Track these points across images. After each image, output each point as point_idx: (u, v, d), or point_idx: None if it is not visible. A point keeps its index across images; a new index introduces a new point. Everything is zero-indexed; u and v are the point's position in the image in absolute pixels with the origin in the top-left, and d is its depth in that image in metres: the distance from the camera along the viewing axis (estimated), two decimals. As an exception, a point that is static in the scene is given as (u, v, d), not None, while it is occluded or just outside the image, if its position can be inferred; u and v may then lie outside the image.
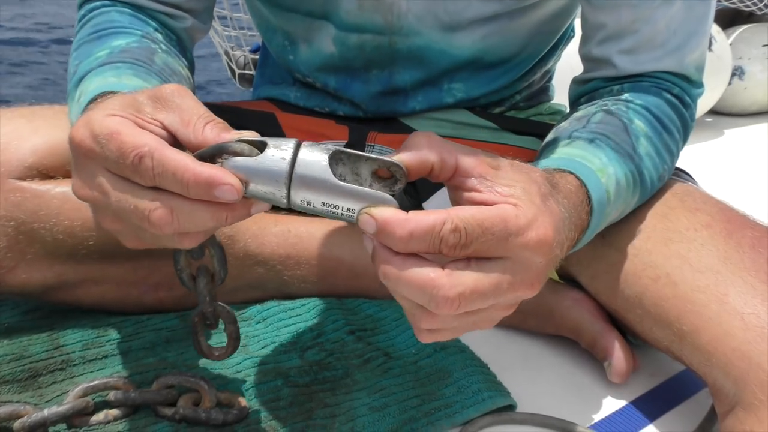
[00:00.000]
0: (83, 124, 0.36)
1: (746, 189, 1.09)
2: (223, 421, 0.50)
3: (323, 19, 0.66)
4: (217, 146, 0.35)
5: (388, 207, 0.34)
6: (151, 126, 0.37)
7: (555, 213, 0.38)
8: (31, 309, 0.64)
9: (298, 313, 0.65)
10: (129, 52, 0.53)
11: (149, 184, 0.35)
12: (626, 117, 0.54)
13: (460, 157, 0.36)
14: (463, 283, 0.34)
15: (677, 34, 0.56)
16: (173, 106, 0.37)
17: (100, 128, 0.35)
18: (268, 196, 0.35)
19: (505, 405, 0.55)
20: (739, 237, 0.52)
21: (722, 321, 0.48)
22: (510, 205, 0.36)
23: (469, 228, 0.34)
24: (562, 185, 0.44)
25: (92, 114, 0.37)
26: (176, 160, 0.34)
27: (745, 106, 1.59)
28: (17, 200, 0.56)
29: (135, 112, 0.37)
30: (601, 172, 0.49)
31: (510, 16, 0.64)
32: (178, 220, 0.35)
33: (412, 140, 0.37)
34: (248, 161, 0.34)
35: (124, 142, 0.34)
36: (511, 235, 0.35)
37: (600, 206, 0.48)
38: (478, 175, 0.36)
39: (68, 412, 0.49)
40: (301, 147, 0.34)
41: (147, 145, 0.34)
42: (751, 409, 0.45)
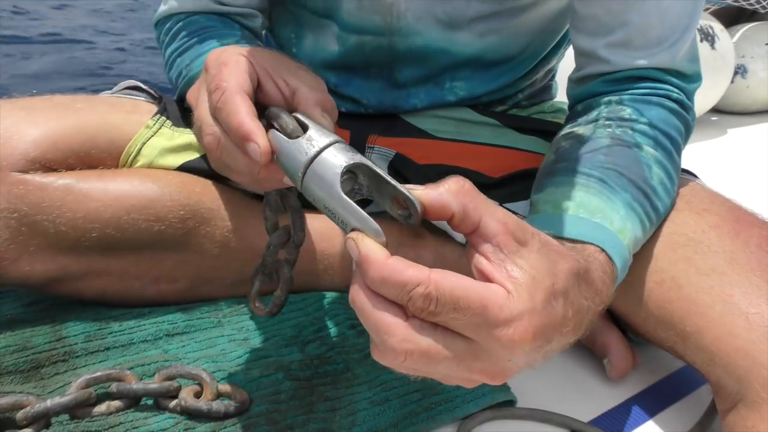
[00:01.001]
0: (222, 49, 0.44)
1: (749, 187, 1.08)
2: (224, 413, 0.50)
3: (326, 17, 0.66)
4: (276, 113, 0.39)
5: (375, 242, 0.33)
6: (271, 85, 0.42)
7: (553, 317, 0.34)
8: (34, 301, 0.64)
9: (300, 307, 0.65)
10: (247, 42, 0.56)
11: (213, 113, 0.40)
12: (634, 143, 0.53)
13: (485, 218, 0.34)
14: (415, 342, 0.32)
15: (673, 29, 0.55)
16: (307, 78, 0.43)
17: (224, 57, 0.42)
18: (288, 175, 0.38)
19: (504, 400, 0.55)
20: (747, 236, 0.52)
21: (726, 321, 0.48)
22: (503, 291, 0.33)
23: (441, 300, 0.31)
24: (595, 277, 0.41)
25: (234, 47, 0.43)
26: (236, 105, 0.39)
27: (747, 105, 1.59)
28: (20, 192, 0.56)
29: (271, 68, 0.42)
30: (622, 234, 0.47)
31: (510, 15, 0.64)
32: (221, 151, 0.40)
33: (444, 181, 0.35)
34: (282, 139, 0.38)
35: (219, 72, 0.40)
36: (485, 324, 0.32)
37: (622, 274, 0.47)
38: (496, 244, 0.34)
39: (71, 402, 0.49)
40: (328, 148, 0.36)
41: (227, 83, 0.40)
42: (754, 407, 0.45)
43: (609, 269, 0.45)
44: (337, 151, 0.36)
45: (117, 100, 0.66)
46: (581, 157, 0.52)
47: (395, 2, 0.62)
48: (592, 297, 0.39)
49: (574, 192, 0.49)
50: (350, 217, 0.34)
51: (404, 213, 0.35)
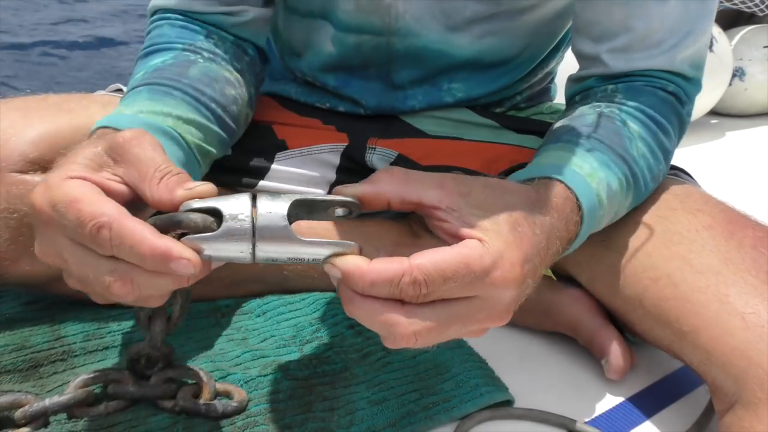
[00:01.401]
0: (43, 189, 0.36)
1: (746, 190, 1.09)
2: (222, 413, 0.50)
3: (323, 18, 0.66)
4: (170, 219, 0.35)
5: (350, 255, 0.35)
6: (112, 184, 0.37)
7: (526, 241, 0.38)
8: (33, 300, 0.64)
9: (298, 307, 0.65)
10: (159, 71, 0.55)
11: (107, 254, 0.35)
12: (619, 119, 0.54)
13: (422, 192, 0.38)
14: (420, 323, 0.35)
15: (673, 33, 0.55)
16: (131, 158, 0.37)
17: (59, 195, 0.35)
18: (228, 260, 0.36)
19: (502, 400, 0.55)
20: (741, 237, 0.52)
21: (722, 321, 0.48)
22: (475, 242, 0.36)
23: (429, 279, 0.34)
24: (548, 197, 0.44)
25: (52, 178, 0.36)
26: (134, 231, 0.34)
27: (744, 107, 1.60)
28: (20, 192, 0.56)
29: (96, 168, 0.37)
30: (591, 177, 0.48)
31: (508, 17, 0.64)
32: (138, 289, 0.36)
33: (375, 175, 0.39)
34: (207, 237, 0.35)
35: (82, 211, 0.34)
36: (476, 278, 0.35)
37: (591, 212, 0.47)
38: (446, 206, 0.37)
39: (69, 402, 0.49)
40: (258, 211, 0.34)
41: (105, 215, 0.34)
42: (751, 407, 0.45)
43: (565, 193, 0.46)
44: (266, 205, 0.35)
45: (109, 99, 0.66)
46: (567, 130, 0.54)
47: (393, 3, 0.62)
48: (550, 213, 0.42)
49: (553, 152, 0.51)
50: (319, 251, 0.35)
51: (345, 211, 0.39)
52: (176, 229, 0.35)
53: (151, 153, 0.38)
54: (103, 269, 0.35)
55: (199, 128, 0.53)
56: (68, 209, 0.34)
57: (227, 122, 0.58)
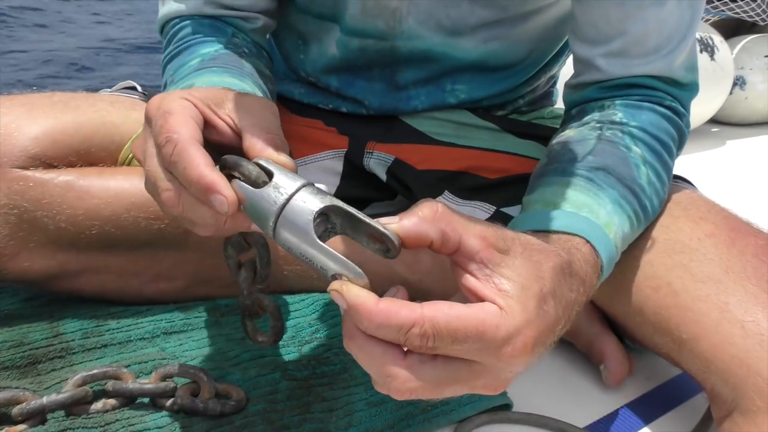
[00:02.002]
0: (162, 96, 0.40)
1: (747, 198, 1.09)
2: (220, 411, 0.50)
3: (332, 21, 0.66)
4: (235, 161, 0.37)
5: (359, 288, 0.33)
6: (218, 121, 0.40)
7: (547, 321, 0.35)
8: (32, 297, 0.64)
9: (298, 308, 0.65)
10: (219, 59, 0.55)
11: (167, 168, 0.38)
12: (623, 144, 0.53)
13: (464, 237, 0.34)
14: (418, 380, 0.33)
15: (670, 38, 0.55)
16: (252, 113, 0.41)
17: (166, 104, 0.39)
18: (258, 224, 0.36)
19: (501, 404, 0.55)
20: (743, 245, 0.52)
21: (722, 329, 0.48)
22: (495, 308, 0.33)
23: (439, 336, 0.32)
24: (579, 268, 0.41)
25: (174, 92, 0.41)
26: (192, 157, 0.36)
27: (745, 116, 1.60)
28: (20, 188, 0.56)
29: (215, 103, 0.41)
30: (608, 228, 0.47)
31: (512, 22, 0.64)
32: (182, 207, 0.38)
33: (417, 209, 0.34)
34: (248, 190, 0.36)
35: (166, 122, 0.38)
36: (487, 348, 0.33)
37: (608, 266, 0.47)
38: (480, 260, 0.34)
39: (67, 400, 0.49)
40: (297, 194, 0.35)
41: (178, 134, 0.37)
42: (749, 415, 0.45)
43: (593, 259, 0.45)
44: (307, 196, 0.35)
45: (116, 98, 0.67)
46: (571, 158, 0.53)
47: (398, 7, 0.62)
48: (577, 288, 0.40)
49: (562, 190, 0.50)
50: (329, 263, 0.33)
51: (382, 247, 0.34)
52: (235, 170, 0.37)
53: (270, 117, 0.42)
54: (163, 177, 0.38)
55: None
56: (160, 117, 0.38)
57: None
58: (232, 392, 0.52)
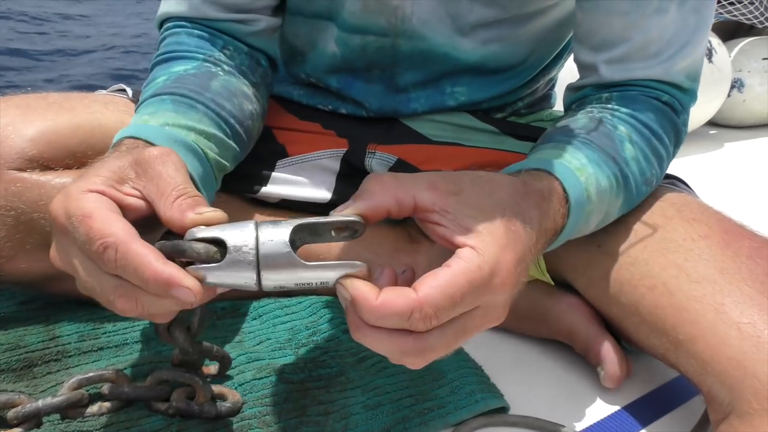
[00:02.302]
0: (62, 199, 0.37)
1: (744, 200, 1.09)
2: (216, 414, 0.50)
3: (327, 20, 0.66)
4: (174, 247, 0.36)
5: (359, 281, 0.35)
6: (130, 199, 0.38)
7: (519, 241, 0.38)
8: (28, 299, 0.64)
9: (294, 310, 0.65)
10: (182, 80, 0.55)
11: (112, 273, 0.35)
12: (611, 123, 0.55)
13: (416, 195, 0.37)
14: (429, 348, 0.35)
15: (671, 44, 0.56)
16: (154, 174, 0.38)
17: (75, 208, 0.36)
18: (233, 287, 0.36)
19: (498, 407, 0.55)
20: (737, 247, 0.52)
21: (718, 330, 0.48)
22: (469, 251, 0.35)
23: (440, 310, 0.34)
24: (535, 188, 0.44)
25: (73, 188, 0.37)
26: (139, 255, 0.34)
27: (743, 119, 1.60)
28: (18, 190, 0.56)
29: (118, 181, 0.38)
30: (579, 171, 0.48)
31: (513, 23, 0.65)
32: (142, 307, 0.36)
33: (365, 186, 0.38)
34: (211, 268, 0.35)
35: (92, 229, 0.35)
36: (479, 291, 0.35)
37: (579, 205, 0.47)
38: (439, 209, 0.37)
39: (62, 403, 0.49)
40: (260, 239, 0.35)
41: (113, 236, 0.35)
42: (746, 418, 0.45)
43: (552, 184, 0.46)
44: (269, 232, 0.35)
45: (110, 99, 0.66)
46: (557, 131, 0.55)
47: (401, 5, 0.62)
48: (538, 205, 0.42)
49: (542, 150, 0.52)
50: (326, 274, 0.35)
51: (348, 233, 0.37)
52: (180, 257, 0.36)
53: (173, 172, 0.39)
54: (109, 284, 0.36)
55: (218, 144, 0.54)
56: (80, 224, 0.35)
57: (242, 137, 0.58)
58: (227, 395, 0.52)
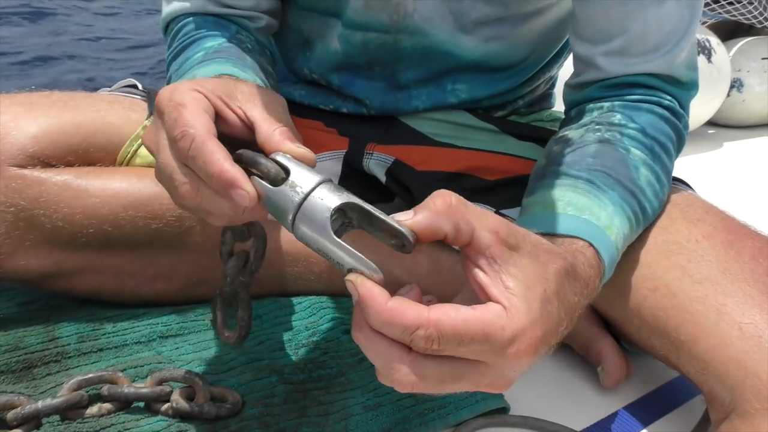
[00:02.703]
0: (171, 87, 0.40)
1: (744, 200, 1.09)
2: (216, 415, 0.50)
3: (334, 16, 0.66)
4: (253, 157, 0.38)
5: (372, 282, 0.34)
6: (228, 113, 0.40)
7: (551, 321, 0.35)
8: (27, 300, 0.64)
9: (294, 311, 0.65)
10: (223, 51, 0.56)
11: (183, 162, 0.38)
12: (622, 146, 0.53)
13: (477, 231, 0.34)
14: (421, 375, 0.33)
15: (670, 37, 0.55)
16: (263, 105, 0.41)
17: (178, 96, 0.39)
18: (276, 218, 0.37)
19: (498, 407, 0.55)
20: (740, 247, 0.52)
21: (720, 330, 0.48)
22: (500, 309, 0.33)
23: (444, 339, 0.32)
24: (583, 272, 0.42)
25: (183, 83, 0.40)
26: (211, 152, 0.36)
27: (742, 119, 1.60)
28: (18, 187, 0.56)
29: (225, 95, 0.41)
30: (609, 230, 0.47)
31: (514, 21, 0.65)
32: (201, 199, 0.38)
33: (431, 200, 0.34)
34: (266, 187, 0.37)
35: (180, 116, 0.38)
36: (492, 349, 0.33)
37: (610, 269, 0.47)
38: (490, 255, 0.34)
39: (62, 405, 0.49)
40: (314, 192, 0.35)
41: (194, 128, 0.37)
42: (747, 417, 0.45)
43: (596, 263, 0.45)
44: (324, 193, 0.35)
45: (115, 98, 0.67)
46: (570, 160, 0.53)
47: (403, 1, 0.62)
48: (580, 291, 0.40)
49: (563, 192, 0.50)
50: (345, 258, 0.34)
51: (398, 242, 0.35)
52: (254, 167, 0.37)
53: (282, 109, 0.42)
54: (180, 170, 0.38)
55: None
56: (174, 110, 0.38)
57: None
58: (227, 396, 0.52)
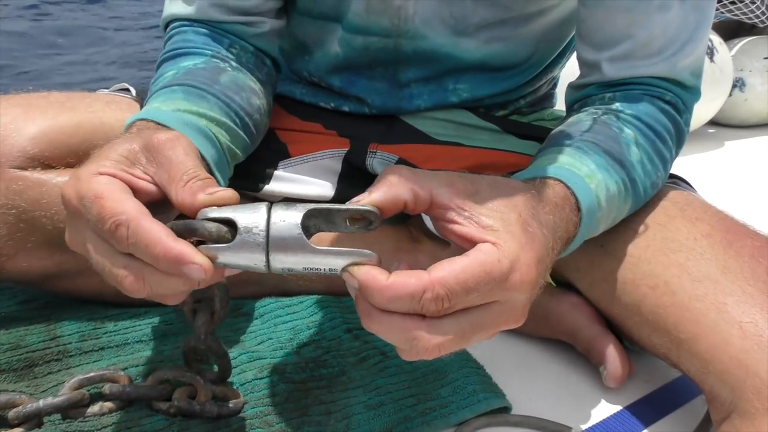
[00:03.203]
0: (73, 181, 0.38)
1: (745, 199, 1.09)
2: (217, 414, 0.50)
3: (334, 21, 0.66)
4: (186, 226, 0.36)
5: (369, 266, 0.34)
6: (141, 182, 0.38)
7: (537, 241, 0.37)
8: (29, 299, 0.64)
9: (296, 310, 0.65)
10: (192, 73, 0.55)
11: (124, 251, 0.36)
12: (616, 126, 0.54)
13: (434, 190, 0.36)
14: (443, 336, 0.34)
15: (673, 41, 0.56)
16: (164, 159, 0.39)
17: (86, 189, 0.36)
18: (242, 269, 0.36)
19: (500, 407, 0.55)
20: (739, 246, 0.52)
21: (720, 329, 0.48)
22: (489, 246, 0.35)
23: (452, 293, 0.33)
24: (549, 197, 0.44)
25: (84, 171, 0.38)
26: (150, 232, 0.35)
27: (744, 118, 1.60)
28: (19, 188, 0.56)
29: (128, 165, 0.39)
30: (589, 178, 0.48)
31: (515, 23, 0.64)
32: (150, 287, 0.36)
33: (383, 177, 0.37)
34: (222, 248, 0.35)
35: (104, 208, 0.35)
36: (496, 284, 0.34)
37: (590, 213, 0.47)
38: (456, 206, 0.36)
39: (63, 403, 0.49)
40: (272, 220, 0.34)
41: (125, 214, 0.35)
42: (747, 417, 0.45)
43: (566, 196, 0.46)
44: (281, 214, 0.35)
45: (112, 98, 0.66)
46: (563, 135, 0.54)
47: (403, 5, 0.62)
48: (552, 212, 0.42)
49: (549, 155, 0.51)
50: (336, 260, 0.34)
51: (362, 224, 0.36)
52: (192, 236, 0.36)
53: (183, 157, 0.39)
54: (119, 263, 0.36)
55: (229, 132, 0.54)
56: (92, 204, 0.36)
57: (251, 129, 0.58)
58: (229, 395, 0.52)
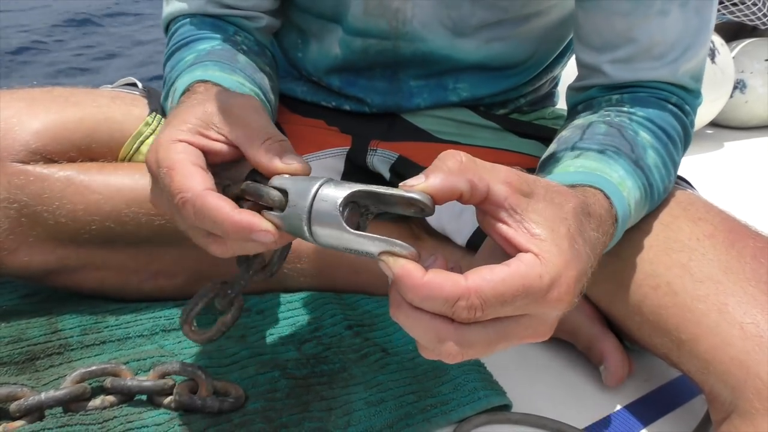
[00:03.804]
0: (154, 148, 0.40)
1: (745, 201, 1.09)
2: (218, 409, 0.50)
3: (333, 21, 0.66)
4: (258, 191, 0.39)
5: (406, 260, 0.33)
6: (215, 144, 0.41)
7: (581, 259, 0.35)
8: (30, 293, 0.64)
9: (297, 306, 0.65)
10: (214, 53, 0.56)
11: (193, 225, 0.38)
12: (631, 129, 0.54)
13: (492, 184, 0.34)
14: (468, 342, 0.33)
15: (675, 47, 0.56)
16: (239, 121, 0.41)
17: (163, 157, 0.39)
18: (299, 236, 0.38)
19: (500, 404, 0.55)
20: (741, 247, 0.52)
21: (721, 330, 0.48)
22: (532, 257, 0.33)
23: (486, 304, 0.32)
24: (595, 210, 0.42)
25: (163, 137, 0.40)
26: (216, 209, 0.37)
27: (745, 120, 1.60)
28: (21, 183, 0.56)
29: (204, 127, 0.41)
30: (621, 186, 0.47)
31: (514, 24, 0.64)
32: (232, 249, 0.39)
33: (441, 161, 0.34)
34: (276, 215, 0.38)
35: (173, 182, 0.38)
36: (534, 299, 0.33)
37: (623, 223, 0.47)
38: (509, 206, 0.34)
39: (65, 396, 0.49)
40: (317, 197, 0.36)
41: (190, 191, 0.37)
42: (747, 417, 0.45)
43: (608, 207, 0.45)
44: (327, 193, 0.35)
45: (116, 93, 0.67)
46: (580, 138, 0.53)
47: (401, 7, 0.62)
48: (596, 228, 0.41)
49: (574, 160, 0.50)
50: (372, 246, 0.34)
51: (416, 210, 0.35)
52: (259, 200, 0.38)
53: (258, 117, 0.41)
54: (201, 232, 0.39)
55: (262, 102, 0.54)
56: (165, 175, 0.38)
57: (271, 108, 0.59)
58: (230, 390, 0.52)
